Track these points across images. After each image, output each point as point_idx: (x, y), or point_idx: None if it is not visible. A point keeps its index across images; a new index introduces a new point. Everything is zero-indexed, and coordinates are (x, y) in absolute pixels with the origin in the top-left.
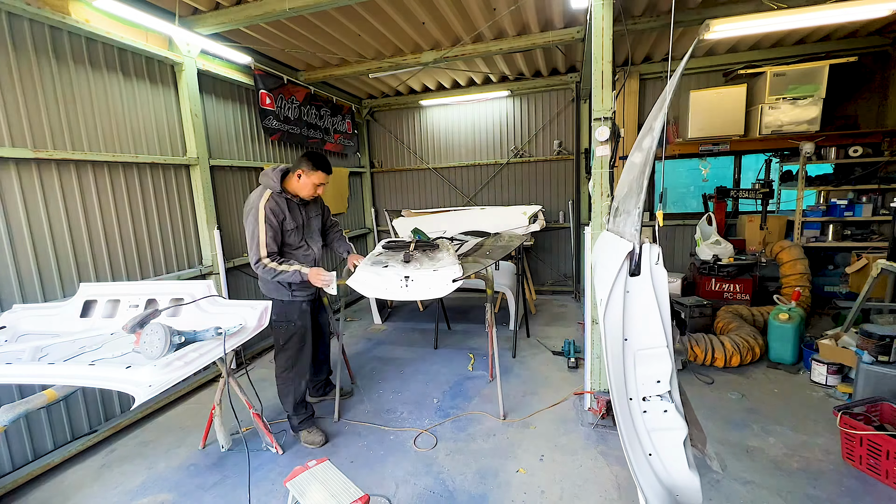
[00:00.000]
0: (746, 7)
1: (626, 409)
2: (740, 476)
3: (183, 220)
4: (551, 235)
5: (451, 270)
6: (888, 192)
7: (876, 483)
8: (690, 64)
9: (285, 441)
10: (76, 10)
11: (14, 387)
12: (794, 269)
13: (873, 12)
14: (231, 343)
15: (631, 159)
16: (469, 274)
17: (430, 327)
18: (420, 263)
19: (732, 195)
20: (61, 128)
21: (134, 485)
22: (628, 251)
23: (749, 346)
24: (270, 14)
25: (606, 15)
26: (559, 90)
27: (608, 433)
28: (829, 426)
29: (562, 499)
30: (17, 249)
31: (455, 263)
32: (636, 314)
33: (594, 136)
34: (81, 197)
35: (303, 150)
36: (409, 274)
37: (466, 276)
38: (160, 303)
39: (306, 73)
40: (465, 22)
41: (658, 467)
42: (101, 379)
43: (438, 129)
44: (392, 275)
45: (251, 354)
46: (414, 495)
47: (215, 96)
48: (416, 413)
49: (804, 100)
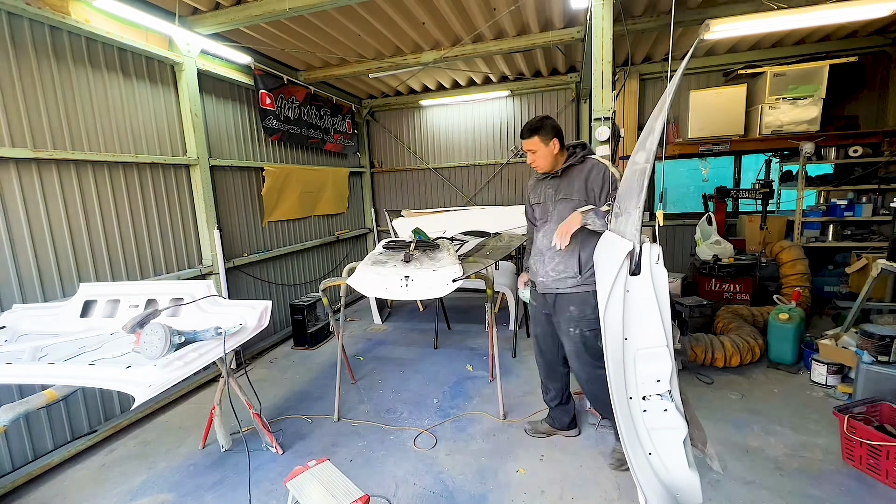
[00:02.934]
0: (746, 7)
1: (626, 409)
2: (740, 476)
3: (183, 220)
4: None
5: (451, 270)
6: (888, 192)
7: (876, 483)
8: (690, 64)
9: (285, 441)
10: (76, 10)
11: (14, 387)
12: (794, 270)
13: (873, 12)
14: (231, 343)
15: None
16: (469, 274)
17: (430, 327)
18: (420, 263)
19: (732, 195)
20: (61, 128)
21: (134, 485)
22: (628, 251)
23: (749, 346)
24: (270, 14)
25: (606, 15)
26: (559, 90)
27: (608, 433)
28: (829, 426)
29: (562, 499)
30: (17, 249)
31: (455, 263)
32: (636, 314)
33: (594, 136)
34: (81, 197)
35: (303, 150)
36: (409, 273)
37: (466, 276)
38: (160, 303)
39: (306, 73)
40: (465, 22)
41: (658, 466)
42: (101, 379)
43: (438, 129)
44: (392, 274)
45: (251, 354)
46: (414, 495)
47: (215, 96)
48: (416, 413)
49: (804, 100)
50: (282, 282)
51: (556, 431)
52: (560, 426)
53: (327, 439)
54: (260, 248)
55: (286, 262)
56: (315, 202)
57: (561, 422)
